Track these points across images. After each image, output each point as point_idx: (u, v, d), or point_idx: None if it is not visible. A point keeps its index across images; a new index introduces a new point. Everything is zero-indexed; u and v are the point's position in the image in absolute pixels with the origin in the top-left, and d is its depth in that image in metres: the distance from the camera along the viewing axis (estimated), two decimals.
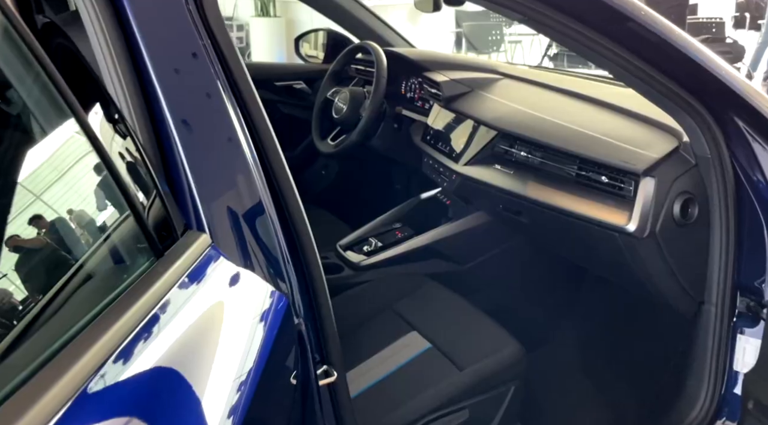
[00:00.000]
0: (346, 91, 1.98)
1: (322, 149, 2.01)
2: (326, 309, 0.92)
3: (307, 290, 0.90)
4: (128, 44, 0.76)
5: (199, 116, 0.79)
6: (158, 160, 0.75)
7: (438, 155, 1.79)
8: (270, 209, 0.83)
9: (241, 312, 0.72)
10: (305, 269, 0.90)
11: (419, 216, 1.94)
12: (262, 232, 0.82)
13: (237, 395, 0.64)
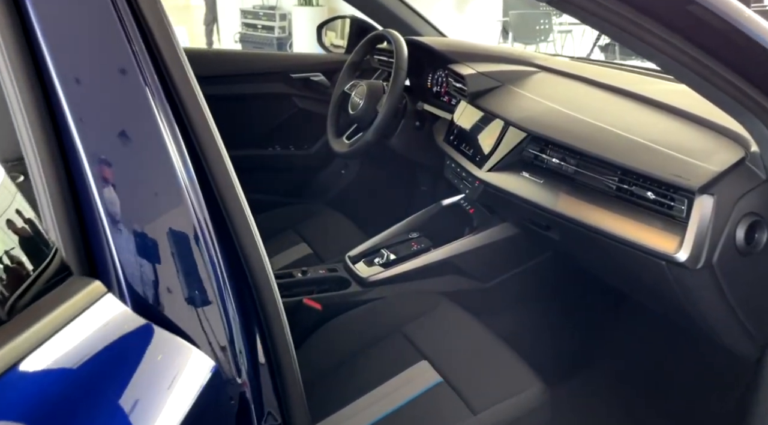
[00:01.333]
0: (364, 84, 1.79)
1: (336, 148, 1.83)
2: (287, 360, 0.75)
3: (263, 337, 0.72)
4: (31, 51, 0.60)
5: (121, 140, 0.63)
6: (62, 189, 0.59)
7: (460, 158, 1.59)
8: (207, 240, 0.65)
9: (138, 386, 0.55)
10: (259, 310, 0.72)
11: (439, 225, 1.74)
12: (191, 270, 0.65)
13: None
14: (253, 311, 0.71)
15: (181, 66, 0.66)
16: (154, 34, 0.65)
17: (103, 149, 0.62)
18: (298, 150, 2.19)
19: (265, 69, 2.09)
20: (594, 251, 1.30)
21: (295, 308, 1.46)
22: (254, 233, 0.71)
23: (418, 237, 1.70)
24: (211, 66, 2.03)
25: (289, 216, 2.01)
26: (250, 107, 2.10)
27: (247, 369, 0.67)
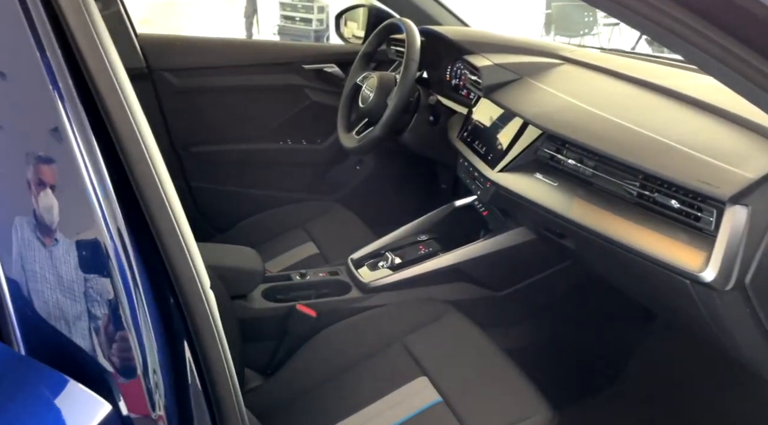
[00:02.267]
0: (375, 76, 1.69)
1: (345, 143, 1.73)
2: (226, 390, 0.65)
3: (196, 363, 0.63)
4: None
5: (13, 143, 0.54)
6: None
7: (472, 157, 1.47)
8: (119, 252, 0.57)
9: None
10: (191, 332, 0.63)
11: (450, 228, 1.63)
12: (96, 290, 0.56)
13: None
14: (183, 332, 0.62)
15: (98, 56, 0.57)
16: (67, 19, 0.56)
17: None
18: (310, 144, 2.10)
19: (277, 59, 2.00)
20: (612, 263, 1.17)
21: (288, 314, 1.37)
22: (183, 239, 0.61)
23: (426, 240, 1.59)
24: (220, 56, 1.96)
25: (299, 213, 1.93)
26: (261, 99, 2.03)
27: (165, 402, 0.58)
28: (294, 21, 7.86)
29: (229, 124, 2.01)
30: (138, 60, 1.84)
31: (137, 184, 0.58)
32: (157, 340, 0.59)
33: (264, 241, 1.85)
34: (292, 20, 7.86)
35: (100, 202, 0.55)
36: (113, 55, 0.60)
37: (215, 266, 1.29)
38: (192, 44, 1.95)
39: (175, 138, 1.96)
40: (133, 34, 1.85)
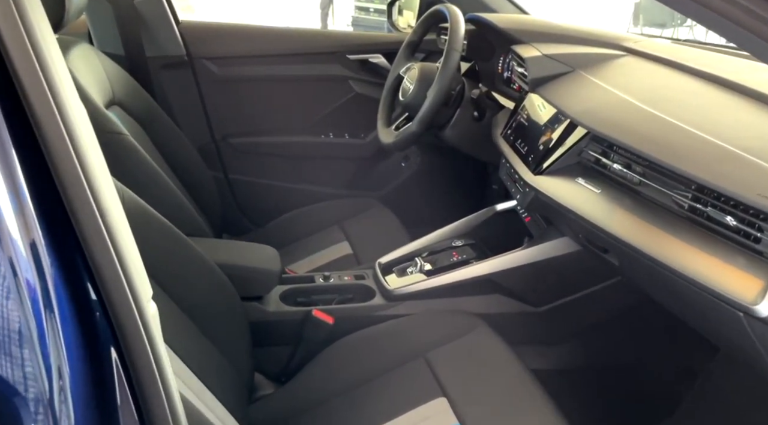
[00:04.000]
0: (417, 67, 1.57)
1: (382, 138, 1.63)
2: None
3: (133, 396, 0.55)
4: None
5: None
6: None
7: (513, 157, 1.33)
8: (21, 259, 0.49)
9: None
10: (123, 349, 0.55)
11: (489, 233, 1.50)
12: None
13: None
14: (109, 354, 0.54)
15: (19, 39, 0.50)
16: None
17: None
18: (353, 139, 2.01)
19: (321, 48, 1.92)
20: (658, 284, 1.01)
21: (304, 319, 1.29)
22: (111, 241, 0.54)
23: (461, 246, 1.47)
24: (262, 44, 1.91)
25: (337, 211, 1.85)
26: (303, 90, 1.96)
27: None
28: (368, 12, 7.83)
29: (270, 115, 1.96)
30: (178, 48, 1.81)
31: (59, 179, 0.51)
32: (73, 364, 0.51)
33: (299, 238, 1.79)
34: (366, 11, 7.83)
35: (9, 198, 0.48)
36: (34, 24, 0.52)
37: (229, 264, 1.23)
38: (233, 32, 1.90)
39: (215, 128, 1.93)
40: (174, 21, 1.82)
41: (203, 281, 1.11)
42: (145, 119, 1.54)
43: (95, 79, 1.36)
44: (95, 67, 1.40)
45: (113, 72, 1.48)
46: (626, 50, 1.37)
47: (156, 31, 1.77)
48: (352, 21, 8.00)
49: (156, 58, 1.79)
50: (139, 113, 1.53)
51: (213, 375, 1.06)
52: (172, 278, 1.04)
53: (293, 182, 2.02)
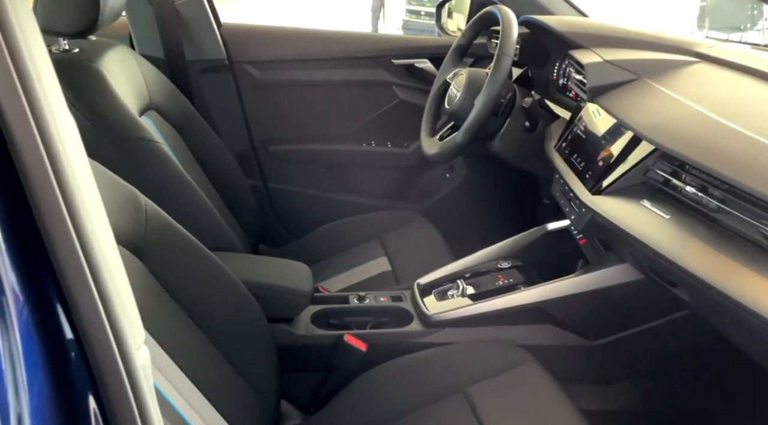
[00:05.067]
0: (464, 72, 1.47)
1: (425, 149, 1.53)
2: None
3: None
4: None
5: None
6: None
7: (568, 173, 1.21)
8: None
9: None
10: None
11: (539, 255, 1.37)
12: None
13: None
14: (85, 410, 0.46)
15: None
16: None
17: None
18: (396, 148, 1.92)
19: (365, 52, 1.84)
20: (737, 328, 0.87)
21: (336, 344, 1.20)
22: (94, 271, 0.46)
23: (508, 268, 1.35)
24: (304, 47, 1.83)
25: (377, 223, 1.76)
26: (345, 96, 1.88)
27: None
28: (419, 15, 7.77)
29: (311, 122, 1.89)
30: (219, 51, 1.76)
31: (26, 177, 0.43)
32: (38, 413, 0.44)
33: (337, 251, 1.71)
34: (417, 14, 7.78)
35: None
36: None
37: (257, 283, 1.16)
38: (276, 35, 1.84)
39: (255, 135, 1.87)
40: (215, 23, 1.77)
41: (228, 301, 1.04)
42: (182, 125, 1.50)
43: (131, 83, 1.32)
44: (132, 71, 1.36)
45: (151, 76, 1.44)
46: (699, 56, 1.23)
47: (197, 34, 1.72)
48: (403, 24, 7.95)
49: (196, 61, 1.74)
50: (176, 118, 1.48)
51: (234, 404, 0.98)
52: (194, 297, 0.97)
53: (333, 192, 1.95)
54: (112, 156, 1.14)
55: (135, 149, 1.16)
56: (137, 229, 0.91)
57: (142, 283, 0.90)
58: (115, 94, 1.17)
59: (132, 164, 1.16)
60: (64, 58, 1.17)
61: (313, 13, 9.08)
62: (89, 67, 1.17)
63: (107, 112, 1.15)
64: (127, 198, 0.91)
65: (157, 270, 0.93)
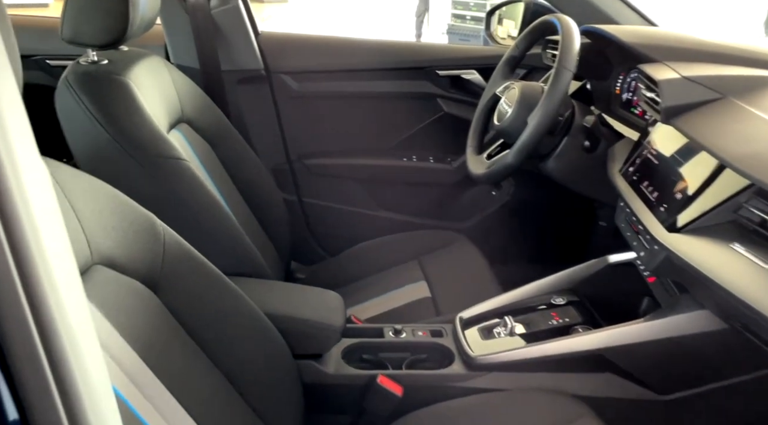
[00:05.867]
0: (517, 86, 1.34)
1: (471, 168, 1.41)
2: None
3: None
4: None
5: None
6: None
7: (636, 203, 1.07)
8: None
9: None
10: None
11: (599, 291, 1.23)
12: None
13: None
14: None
15: None
16: None
17: None
18: (439, 163, 1.80)
19: (408, 63, 1.73)
20: None
21: (367, 386, 1.09)
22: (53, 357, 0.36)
23: (563, 306, 1.21)
24: (343, 57, 1.74)
25: (417, 243, 1.65)
26: (386, 108, 1.77)
27: None
28: (464, 20, 7.66)
29: (349, 135, 1.79)
30: (255, 61, 1.67)
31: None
32: None
33: (373, 272, 1.61)
34: (463, 19, 7.67)
35: None
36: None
37: (284, 316, 1.06)
38: (315, 44, 1.75)
39: (291, 148, 1.78)
40: (253, 32, 1.68)
41: (251, 338, 0.94)
42: (215, 138, 1.42)
43: (162, 96, 1.25)
44: (164, 82, 1.28)
45: (184, 87, 1.36)
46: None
47: (233, 43, 1.64)
48: (448, 29, 7.83)
49: (232, 72, 1.66)
50: (209, 131, 1.41)
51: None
52: (214, 335, 0.88)
53: (370, 209, 1.85)
54: (136, 174, 1.07)
55: (160, 168, 1.08)
56: (154, 260, 0.82)
57: (156, 319, 0.81)
58: (141, 109, 1.09)
59: (156, 182, 1.08)
60: (91, 70, 1.10)
61: (356, 18, 9.03)
62: (116, 79, 1.10)
63: (132, 127, 1.07)
64: (144, 226, 0.82)
65: (174, 305, 0.84)
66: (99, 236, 0.73)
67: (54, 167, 0.71)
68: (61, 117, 1.07)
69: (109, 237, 0.75)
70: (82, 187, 0.75)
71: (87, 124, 1.04)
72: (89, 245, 0.71)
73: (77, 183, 0.74)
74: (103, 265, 0.73)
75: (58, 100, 1.07)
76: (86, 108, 1.04)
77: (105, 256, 0.74)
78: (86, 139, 1.05)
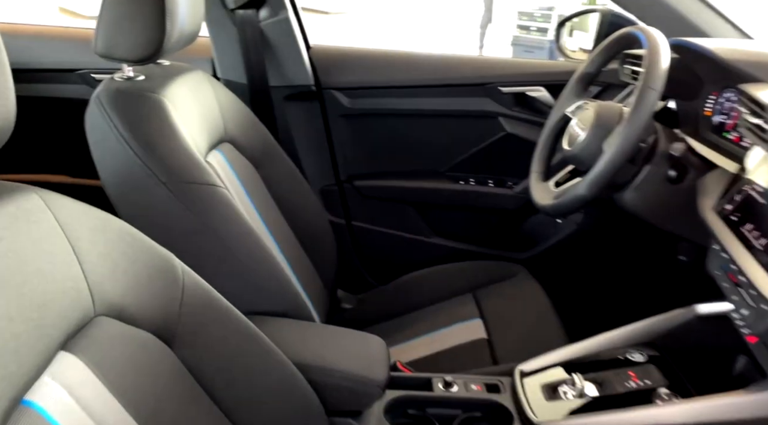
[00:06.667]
0: (592, 107, 1.18)
1: (535, 197, 1.26)
2: None
3: None
4: None
5: None
6: None
7: (736, 248, 0.90)
8: None
9: None
10: None
11: (684, 347, 1.06)
12: None
13: None
14: None
15: None
16: None
17: None
18: (499, 188, 1.67)
19: (469, 79, 1.60)
20: None
21: None
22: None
23: (643, 364, 1.05)
24: (398, 72, 1.63)
25: (472, 274, 1.53)
26: (443, 127, 1.65)
27: None
28: (529, 31, 7.49)
29: (403, 155, 1.68)
30: (306, 76, 1.59)
31: None
32: None
33: (424, 304, 1.50)
34: (527, 30, 7.50)
35: None
36: None
37: (319, 368, 0.94)
38: (368, 58, 1.65)
39: (341, 168, 1.69)
40: (305, 46, 1.60)
41: (279, 396, 0.83)
42: (260, 157, 1.33)
43: (203, 114, 1.17)
44: (206, 99, 1.21)
45: (228, 104, 1.28)
46: None
47: (282, 57, 1.56)
48: (512, 40, 7.67)
49: (280, 87, 1.58)
50: (253, 150, 1.33)
51: None
52: (236, 394, 0.77)
53: (424, 235, 1.73)
54: (166, 201, 0.98)
55: (192, 194, 0.99)
56: (170, 308, 0.73)
57: (169, 377, 0.71)
58: (175, 130, 1.01)
59: (187, 210, 1.00)
60: (124, 87, 1.03)
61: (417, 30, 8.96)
62: (150, 97, 1.02)
63: (164, 150, 0.98)
64: (160, 268, 0.72)
65: (191, 360, 0.74)
66: (106, 282, 0.64)
67: (58, 205, 0.62)
68: (89, 138, 1.00)
69: (119, 283, 0.65)
70: (91, 225, 0.66)
71: (116, 146, 0.96)
72: (92, 293, 0.62)
73: (85, 221, 0.65)
74: (109, 316, 0.64)
75: (87, 119, 1.00)
76: (116, 128, 0.96)
77: (112, 305, 0.64)
78: (114, 162, 0.98)
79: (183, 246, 0.99)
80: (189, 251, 1.00)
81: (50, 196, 0.61)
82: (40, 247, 0.56)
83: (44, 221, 0.58)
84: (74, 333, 0.59)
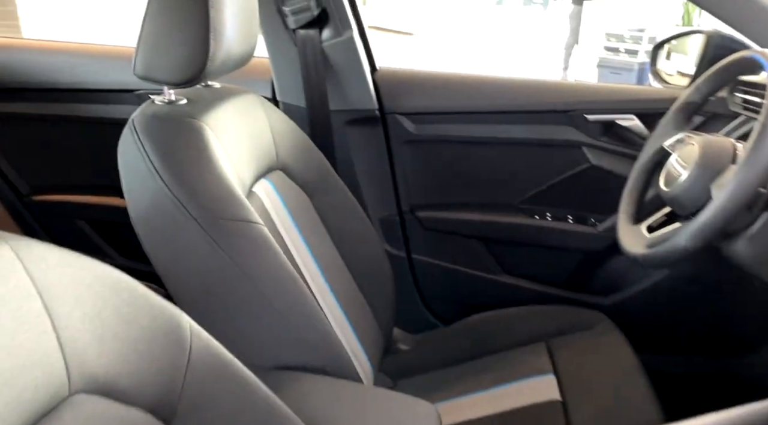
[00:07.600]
0: (696, 141, 1.01)
1: (623, 242, 1.10)
2: None
3: None
4: None
5: None
6: None
7: None
8: None
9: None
10: None
11: None
12: None
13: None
14: None
15: None
16: None
17: None
18: (579, 225, 1.50)
19: (550, 105, 1.45)
20: None
21: None
22: None
23: None
24: (470, 97, 1.51)
25: (546, 321, 1.38)
26: (519, 157, 1.51)
27: None
28: (617, 53, 7.22)
29: (472, 186, 1.56)
30: (369, 100, 1.49)
31: None
32: None
33: (490, 351, 1.36)
34: (616, 52, 7.24)
35: None
36: None
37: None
38: (436, 81, 1.54)
39: (403, 198, 1.58)
40: (370, 68, 1.50)
41: None
42: (314, 185, 1.25)
43: (252, 140, 1.09)
44: (257, 124, 1.13)
45: (282, 129, 1.20)
46: None
47: (345, 79, 1.48)
48: (599, 62, 7.40)
49: (341, 111, 1.49)
50: (307, 177, 1.24)
51: None
52: None
53: (493, 273, 1.59)
54: (196, 238, 0.89)
55: (224, 230, 0.90)
56: (172, 378, 0.61)
57: None
58: (212, 160, 0.93)
59: (218, 246, 0.90)
60: (162, 111, 0.95)
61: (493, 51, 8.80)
62: (189, 124, 0.94)
63: (197, 182, 0.90)
64: (164, 330, 0.61)
65: None
66: (89, 351, 0.53)
67: (34, 257, 0.52)
68: (120, 164, 0.93)
69: (106, 351, 0.55)
70: (76, 280, 0.55)
71: (145, 174, 0.89)
72: (67, 367, 0.51)
73: (68, 275, 0.54)
74: (89, 393, 0.53)
75: (120, 144, 0.94)
76: (147, 156, 0.89)
77: (94, 379, 0.53)
78: (143, 192, 0.90)
79: (210, 288, 0.90)
80: (217, 293, 0.90)
81: (24, 245, 0.51)
82: (5, 310, 0.47)
83: (13, 277, 0.49)
84: (42, 416, 0.49)
